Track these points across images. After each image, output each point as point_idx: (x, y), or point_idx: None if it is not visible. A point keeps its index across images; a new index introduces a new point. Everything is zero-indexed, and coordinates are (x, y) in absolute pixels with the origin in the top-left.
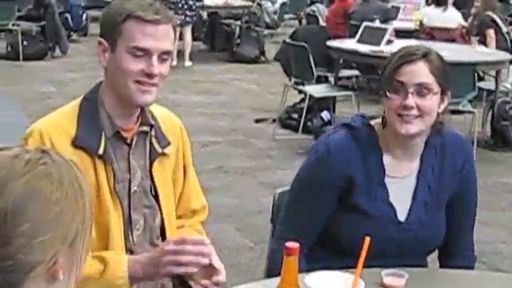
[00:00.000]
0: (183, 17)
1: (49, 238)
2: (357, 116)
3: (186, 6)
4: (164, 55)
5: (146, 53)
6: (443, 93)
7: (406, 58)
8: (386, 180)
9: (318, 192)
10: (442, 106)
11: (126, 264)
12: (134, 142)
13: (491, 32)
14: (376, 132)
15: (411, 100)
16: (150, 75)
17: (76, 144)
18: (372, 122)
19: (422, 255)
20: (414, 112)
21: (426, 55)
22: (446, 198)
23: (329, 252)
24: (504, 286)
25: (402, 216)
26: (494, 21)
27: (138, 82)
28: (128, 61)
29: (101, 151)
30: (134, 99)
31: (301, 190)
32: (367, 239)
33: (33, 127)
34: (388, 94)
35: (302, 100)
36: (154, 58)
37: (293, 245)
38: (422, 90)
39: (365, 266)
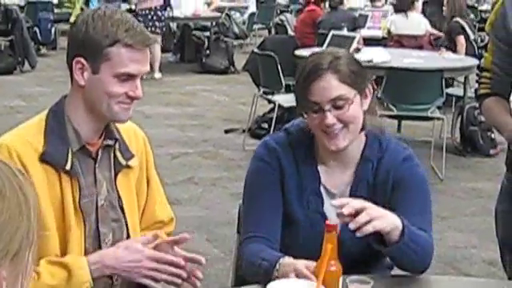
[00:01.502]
0: (153, 28)
1: None
2: (298, 122)
3: (155, 17)
4: (143, 75)
5: (131, 77)
6: (362, 91)
7: (313, 74)
8: (322, 189)
9: (266, 187)
10: (366, 102)
11: (88, 267)
12: (99, 156)
13: (461, 39)
14: (313, 139)
15: (330, 118)
16: (135, 98)
17: (43, 159)
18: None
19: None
20: (337, 126)
21: (332, 64)
22: None
23: None
24: None
25: None
26: (462, 27)
27: (120, 102)
28: (114, 85)
29: (68, 166)
30: (118, 118)
31: (251, 191)
32: (329, 246)
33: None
34: (305, 115)
35: (272, 110)
36: (139, 81)
37: (332, 223)
38: (337, 103)
39: None
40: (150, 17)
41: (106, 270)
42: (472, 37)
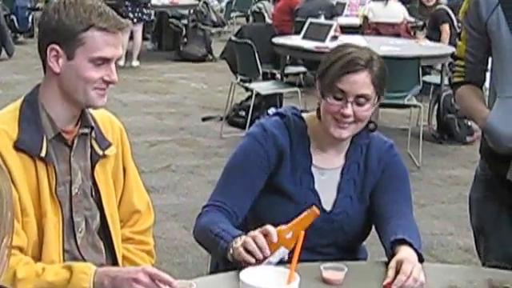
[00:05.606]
0: (140, 14)
1: None
2: (289, 107)
3: (142, 4)
4: (117, 60)
5: (106, 61)
6: (380, 96)
7: (350, 67)
8: (313, 169)
9: (250, 165)
10: (374, 107)
11: (93, 274)
12: (74, 144)
13: (446, 27)
14: (305, 123)
15: (350, 109)
16: (110, 83)
17: (18, 147)
18: (304, 115)
19: (346, 249)
20: (350, 119)
21: (369, 63)
22: (368, 192)
23: None
24: (446, 277)
25: (327, 206)
26: (448, 14)
27: (96, 88)
28: (90, 70)
29: (43, 153)
30: (94, 104)
31: (235, 163)
32: (302, 233)
33: None
34: (327, 98)
35: (249, 97)
36: (113, 66)
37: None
38: (360, 99)
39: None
40: (137, 3)
41: (106, 278)
42: (455, 23)
